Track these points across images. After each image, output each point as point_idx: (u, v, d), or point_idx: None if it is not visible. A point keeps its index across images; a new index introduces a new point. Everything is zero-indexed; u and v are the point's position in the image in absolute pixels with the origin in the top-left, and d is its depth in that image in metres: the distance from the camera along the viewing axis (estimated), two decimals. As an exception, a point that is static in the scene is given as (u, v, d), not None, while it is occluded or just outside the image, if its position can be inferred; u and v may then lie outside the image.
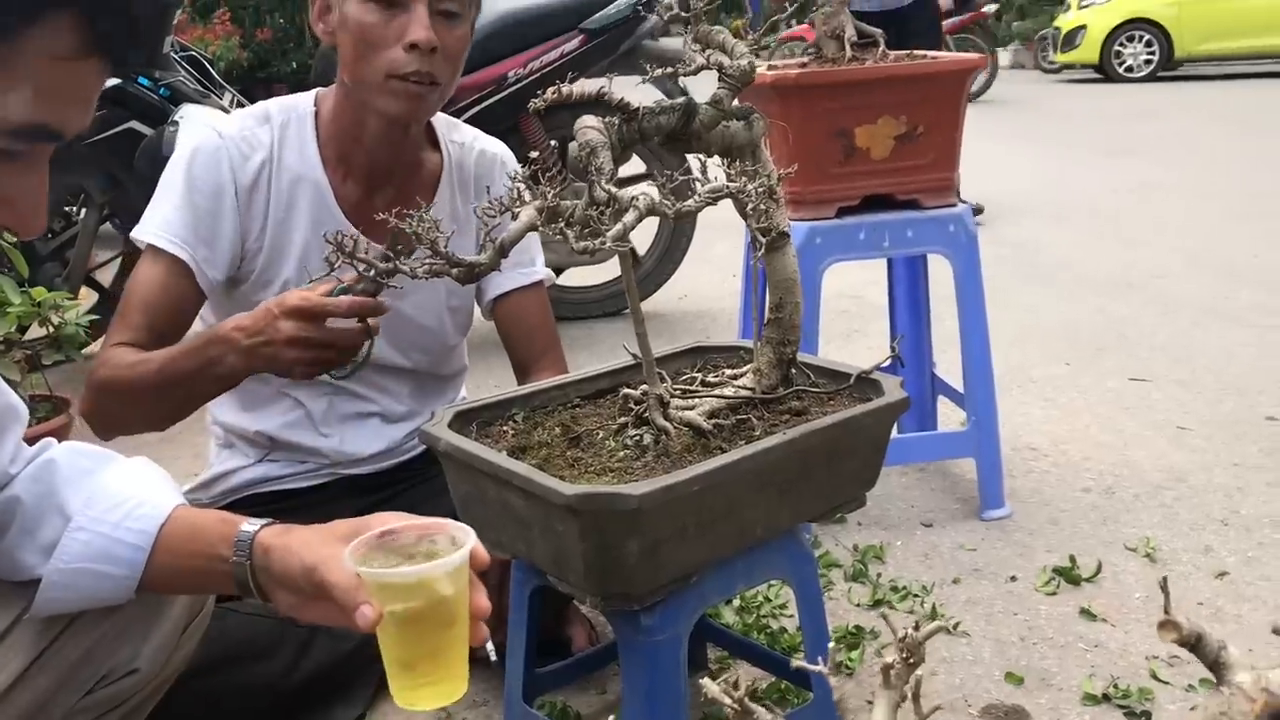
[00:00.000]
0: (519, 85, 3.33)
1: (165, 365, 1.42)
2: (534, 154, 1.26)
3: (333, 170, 1.58)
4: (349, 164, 1.58)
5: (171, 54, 3.38)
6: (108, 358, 1.47)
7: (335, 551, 0.97)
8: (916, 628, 0.64)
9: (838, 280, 3.87)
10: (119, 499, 1.08)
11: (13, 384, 2.25)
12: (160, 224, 1.51)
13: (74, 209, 3.69)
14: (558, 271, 3.95)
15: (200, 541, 1.06)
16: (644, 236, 3.86)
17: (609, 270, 3.93)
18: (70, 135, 0.81)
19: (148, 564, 1.05)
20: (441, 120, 1.69)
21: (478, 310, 1.78)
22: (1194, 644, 0.72)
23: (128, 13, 0.77)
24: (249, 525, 1.06)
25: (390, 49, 1.45)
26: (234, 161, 1.54)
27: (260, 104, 1.62)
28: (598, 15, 3.36)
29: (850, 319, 3.69)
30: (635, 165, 3.78)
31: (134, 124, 3.09)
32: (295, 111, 1.59)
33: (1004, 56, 15.39)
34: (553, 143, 3.47)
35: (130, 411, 1.49)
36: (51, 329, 2.38)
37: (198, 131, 1.59)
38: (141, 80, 3.21)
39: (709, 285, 4.19)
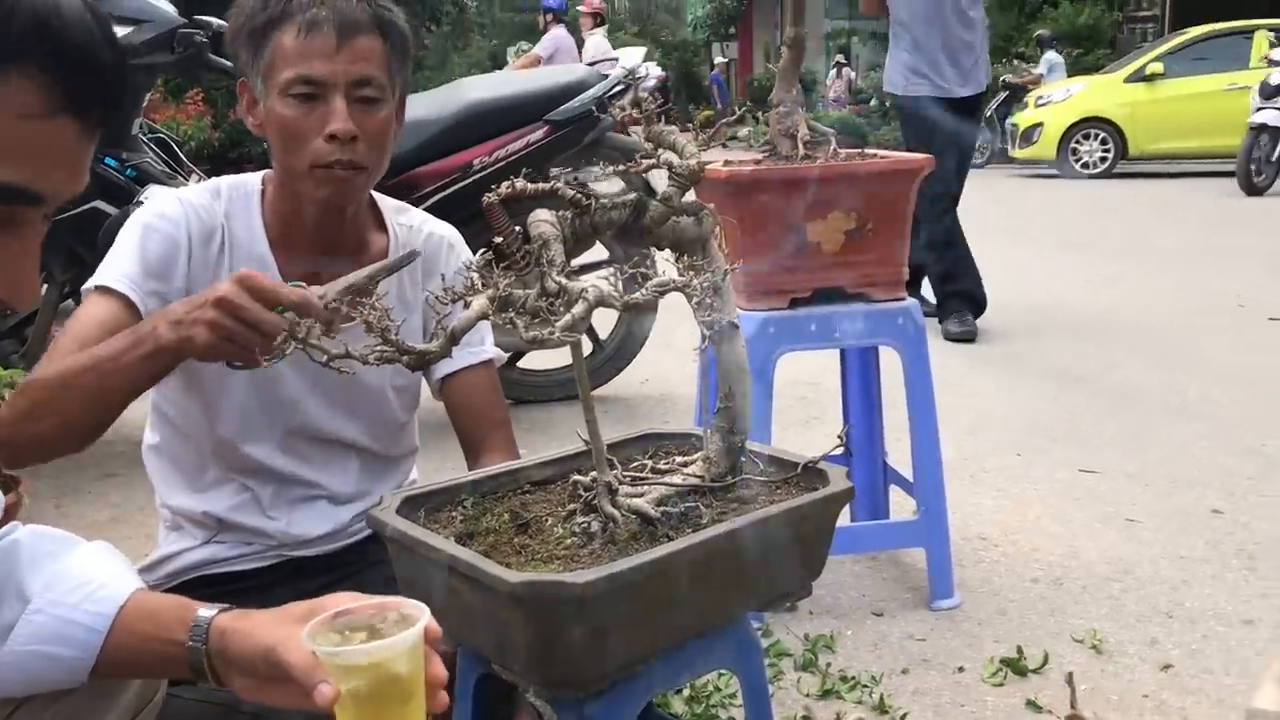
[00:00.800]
0: (484, 173, 3.38)
1: (93, 350, 1.38)
2: (498, 240, 1.28)
3: (278, 249, 1.60)
4: (292, 244, 1.60)
5: (139, 135, 3.41)
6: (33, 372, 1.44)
7: (292, 632, 0.98)
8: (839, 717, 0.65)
9: (796, 368, 3.92)
10: (79, 581, 1.07)
11: (-37, 462, 2.24)
12: (109, 269, 1.52)
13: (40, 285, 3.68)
14: (517, 356, 3.98)
15: (156, 624, 1.05)
16: (606, 320, 3.90)
17: (568, 354, 3.95)
18: (56, 201, 0.81)
19: (103, 647, 1.04)
20: (389, 204, 1.72)
21: (426, 389, 1.79)
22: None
23: (91, 67, 0.78)
24: (206, 610, 1.06)
25: (313, 140, 1.49)
26: (191, 226, 1.56)
27: (212, 180, 1.65)
28: (562, 107, 3.43)
29: (808, 406, 3.73)
30: (601, 252, 3.83)
31: (99, 203, 3.11)
32: (243, 189, 1.62)
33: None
34: (517, 229, 3.51)
35: (45, 418, 1.42)
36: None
37: (161, 194, 1.62)
38: (108, 160, 3.24)
39: (671, 370, 4.23)
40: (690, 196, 1.33)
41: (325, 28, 1.47)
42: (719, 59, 29.68)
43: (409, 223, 1.72)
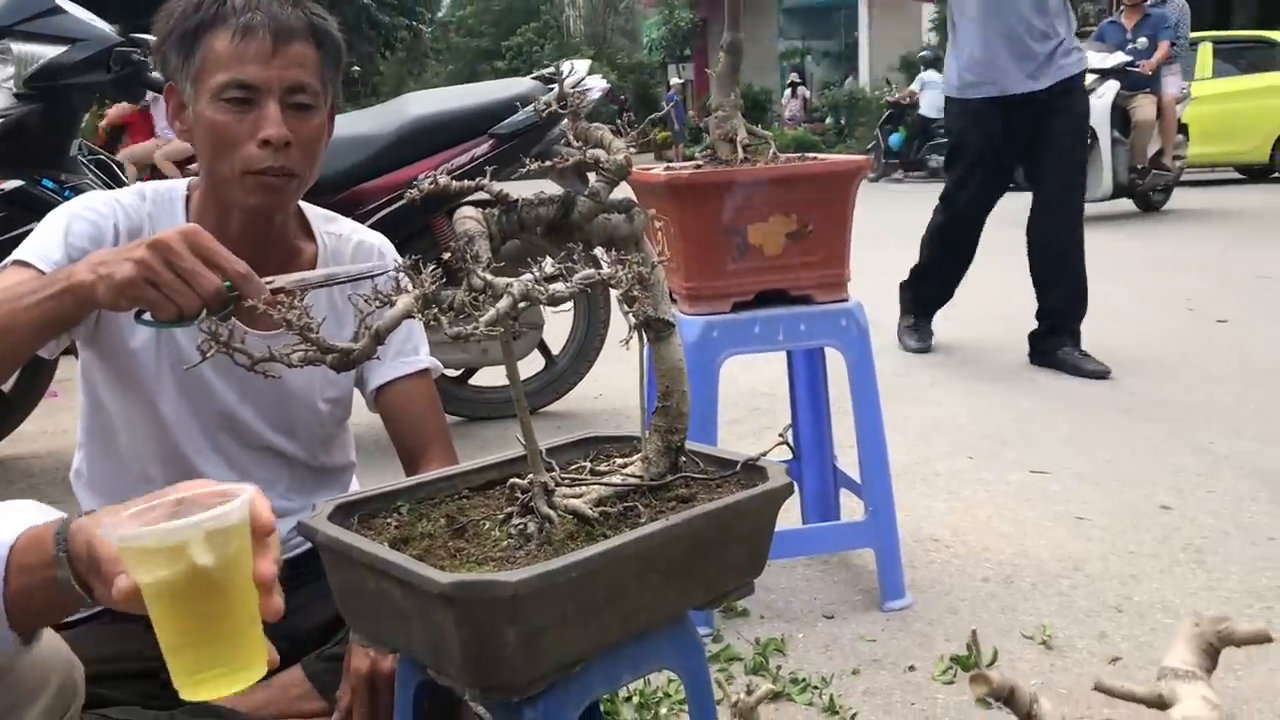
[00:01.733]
0: (429, 188, 3.37)
1: (9, 288, 1.33)
2: (446, 255, 1.27)
3: None
4: None
5: (78, 156, 3.37)
6: None
7: (118, 523, 0.89)
8: (749, 691, 0.64)
9: (751, 377, 3.93)
10: None
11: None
12: (29, 247, 1.49)
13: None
14: (469, 372, 3.95)
15: (40, 550, 0.97)
16: (559, 335, 3.89)
17: (523, 370, 3.94)
18: None
19: (6, 589, 0.97)
20: (317, 213, 1.71)
21: (361, 401, 1.77)
22: (1007, 698, 0.74)
23: None
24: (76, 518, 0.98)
25: (245, 146, 1.47)
26: (118, 215, 1.54)
27: (137, 184, 1.63)
28: (507, 121, 3.43)
29: (763, 416, 3.73)
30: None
31: (36, 226, 3.06)
32: (168, 194, 1.60)
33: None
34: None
35: None
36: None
37: (91, 192, 1.61)
38: (45, 183, 3.19)
39: (623, 384, 4.22)
40: (629, 195, 1.33)
41: (260, 32, 1.46)
42: (675, 80, 29.82)
43: (337, 231, 1.70)
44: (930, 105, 15.25)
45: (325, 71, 1.54)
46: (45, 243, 1.50)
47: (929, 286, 4.84)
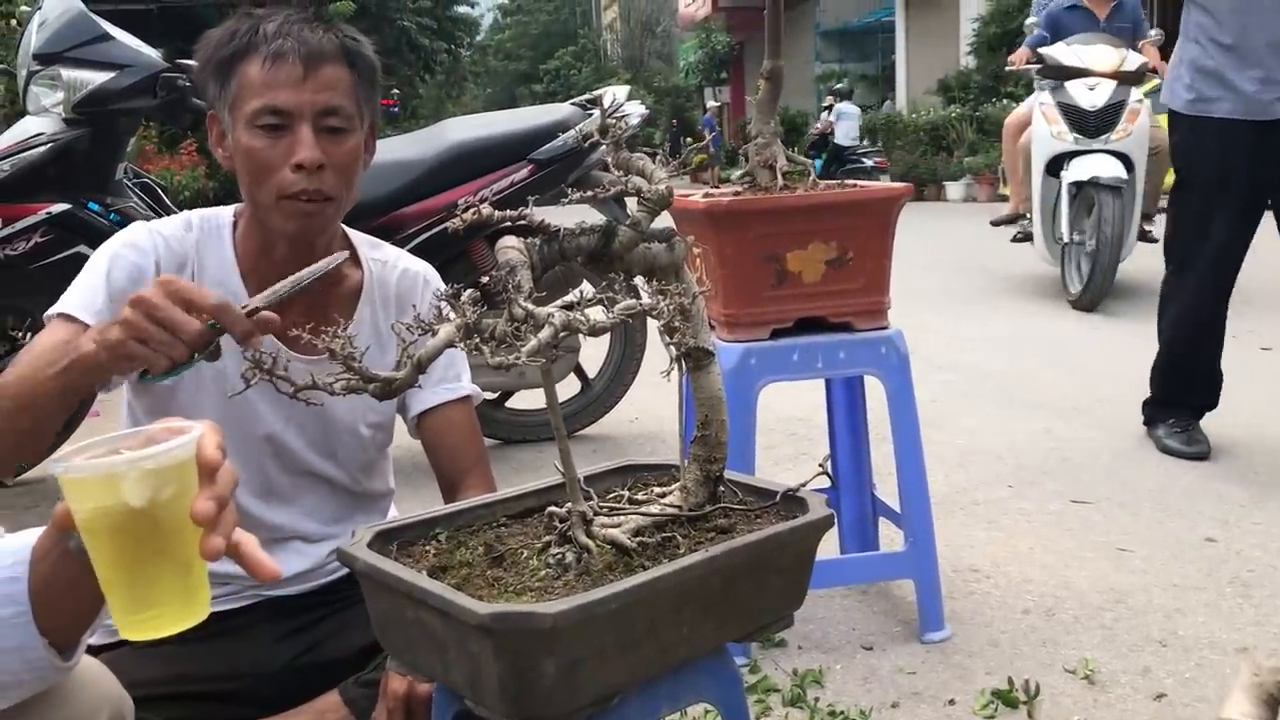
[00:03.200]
0: (468, 212, 3.39)
1: (25, 367, 1.35)
2: (484, 280, 1.27)
3: (249, 281, 1.59)
4: (262, 277, 1.59)
5: (124, 180, 3.42)
6: None
7: None
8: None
9: (788, 403, 3.91)
10: None
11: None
12: (73, 296, 1.51)
13: (20, 333, 3.67)
14: (506, 395, 3.96)
15: (51, 532, 0.96)
16: (595, 359, 3.89)
17: (560, 393, 3.94)
18: None
19: (32, 591, 0.97)
20: (363, 239, 1.72)
21: (403, 427, 1.77)
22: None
23: None
24: None
25: (280, 171, 1.48)
26: (159, 250, 1.55)
27: (184, 213, 1.64)
28: (546, 146, 3.45)
29: (798, 442, 3.72)
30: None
31: (82, 248, 3.12)
32: (214, 221, 1.61)
33: (956, 190, 15.86)
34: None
35: None
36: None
37: (135, 225, 1.60)
38: (91, 206, 3.25)
39: (660, 408, 4.21)
40: (669, 224, 1.33)
41: (291, 58, 1.47)
42: (711, 103, 29.91)
43: (383, 258, 1.71)
44: (844, 134, 16.31)
45: (360, 93, 1.55)
46: (87, 290, 1.52)
47: (1185, 376, 3.61)
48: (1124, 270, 6.19)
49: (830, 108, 22.15)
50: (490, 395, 3.93)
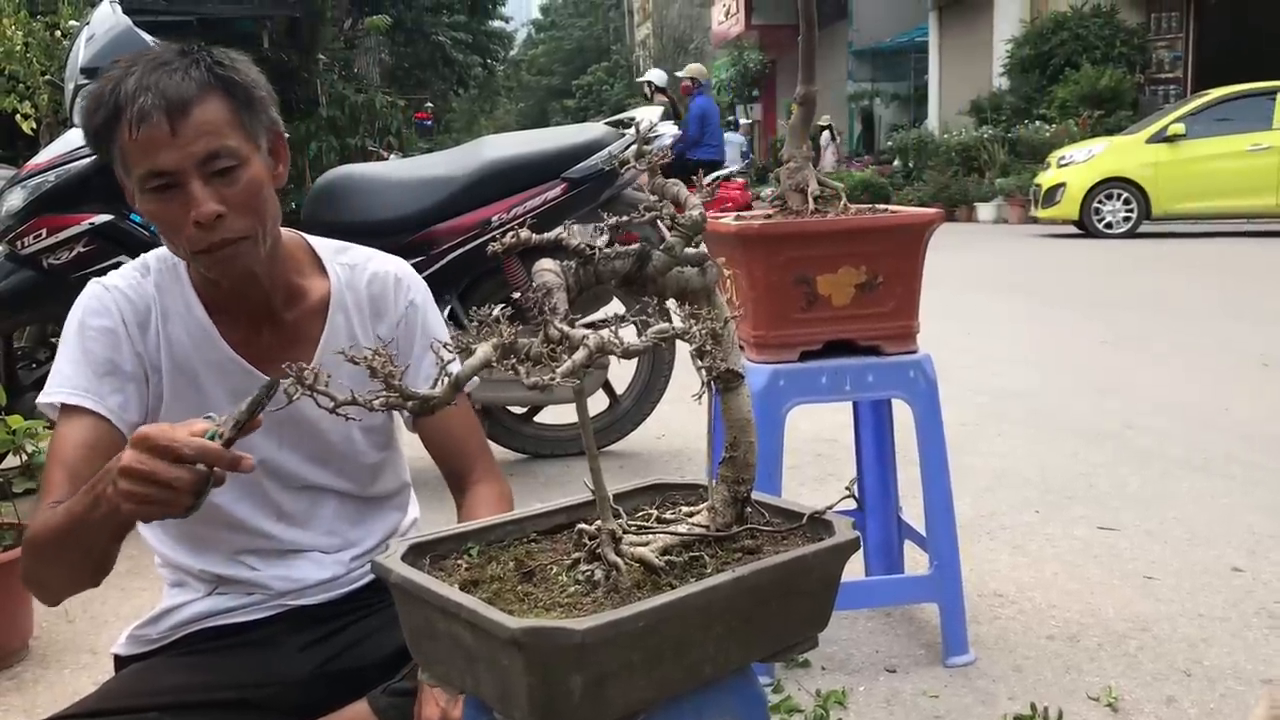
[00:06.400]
0: (502, 229, 3.43)
1: (68, 508, 1.36)
2: (515, 295, 1.29)
3: (215, 314, 1.59)
4: (225, 309, 1.59)
5: (134, 207, 3.48)
6: (33, 520, 1.44)
7: None
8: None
9: (814, 424, 3.93)
10: None
11: (-20, 511, 2.27)
12: (60, 382, 1.52)
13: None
14: (535, 410, 3.99)
15: None
16: (623, 376, 3.92)
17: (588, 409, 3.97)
18: None
19: None
20: (328, 245, 1.69)
21: (402, 424, 1.78)
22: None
23: None
24: None
25: (186, 229, 1.43)
26: (121, 307, 1.55)
27: (141, 257, 1.63)
28: (579, 165, 3.48)
29: (824, 463, 3.72)
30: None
31: (124, 258, 3.16)
32: (170, 261, 1.59)
33: (987, 211, 15.81)
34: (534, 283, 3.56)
35: (52, 569, 1.43)
36: (25, 457, 2.40)
37: (90, 289, 1.59)
38: (134, 217, 3.31)
39: (686, 425, 4.23)
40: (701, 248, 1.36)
41: (154, 116, 1.39)
42: (743, 121, 29.95)
43: (350, 261, 1.69)
44: (729, 160, 16.88)
45: (243, 117, 1.47)
46: (72, 372, 1.52)
47: None
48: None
49: (829, 128, 22.44)
50: (518, 410, 3.96)
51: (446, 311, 3.45)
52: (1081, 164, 13.00)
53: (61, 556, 1.40)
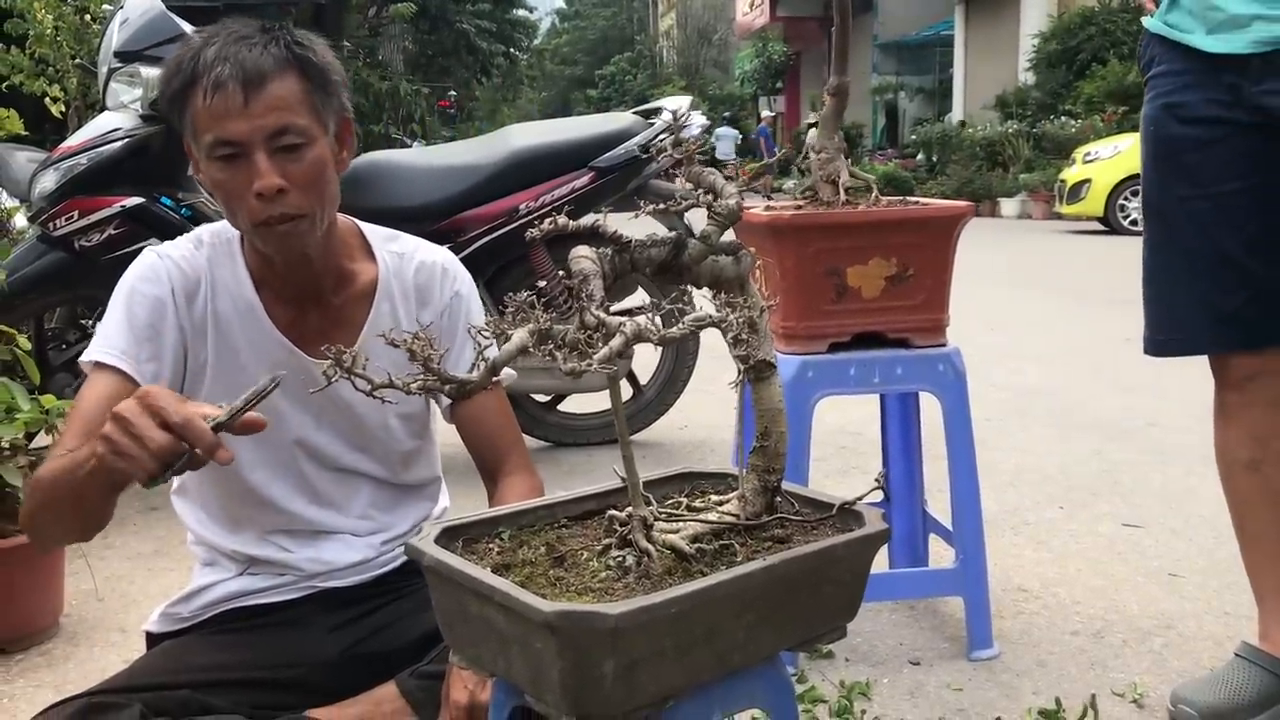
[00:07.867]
0: (530, 217, 3.44)
1: (71, 455, 1.38)
2: (541, 283, 1.29)
3: (263, 291, 1.61)
4: (274, 288, 1.61)
5: (195, 176, 3.50)
6: (42, 466, 1.46)
7: None
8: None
9: (839, 416, 3.92)
10: None
11: (14, 489, 2.29)
12: (100, 342, 1.54)
13: (90, 321, 3.77)
14: (558, 398, 4.01)
15: None
16: (646, 366, 3.92)
17: (608, 397, 3.98)
18: None
19: None
20: (379, 233, 1.71)
21: (438, 414, 1.79)
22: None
23: None
24: None
25: (246, 199, 1.46)
26: (173, 276, 1.57)
27: (195, 230, 1.66)
28: (607, 154, 3.49)
29: (849, 455, 3.72)
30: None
31: (153, 241, 3.18)
32: (224, 236, 1.62)
33: (1011, 206, 15.73)
34: (560, 272, 3.57)
35: (46, 513, 1.45)
36: (57, 436, 2.42)
37: (145, 255, 1.62)
38: (164, 200, 3.33)
39: (710, 415, 4.23)
40: (731, 238, 1.36)
41: (230, 85, 1.42)
42: (766, 112, 29.88)
43: (399, 250, 1.71)
44: (722, 152, 16.76)
45: (315, 99, 1.50)
46: (113, 333, 1.55)
47: None
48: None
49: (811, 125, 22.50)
50: (543, 398, 3.97)
51: (473, 299, 3.46)
52: (1107, 160, 12.90)
53: (54, 503, 1.42)
